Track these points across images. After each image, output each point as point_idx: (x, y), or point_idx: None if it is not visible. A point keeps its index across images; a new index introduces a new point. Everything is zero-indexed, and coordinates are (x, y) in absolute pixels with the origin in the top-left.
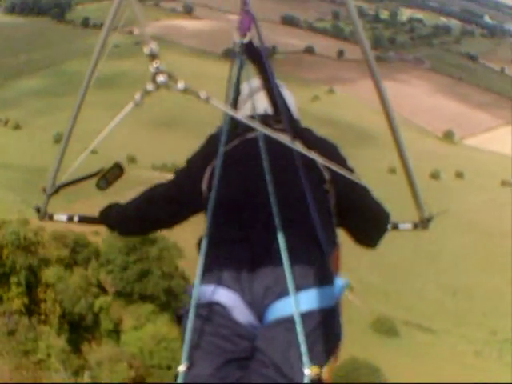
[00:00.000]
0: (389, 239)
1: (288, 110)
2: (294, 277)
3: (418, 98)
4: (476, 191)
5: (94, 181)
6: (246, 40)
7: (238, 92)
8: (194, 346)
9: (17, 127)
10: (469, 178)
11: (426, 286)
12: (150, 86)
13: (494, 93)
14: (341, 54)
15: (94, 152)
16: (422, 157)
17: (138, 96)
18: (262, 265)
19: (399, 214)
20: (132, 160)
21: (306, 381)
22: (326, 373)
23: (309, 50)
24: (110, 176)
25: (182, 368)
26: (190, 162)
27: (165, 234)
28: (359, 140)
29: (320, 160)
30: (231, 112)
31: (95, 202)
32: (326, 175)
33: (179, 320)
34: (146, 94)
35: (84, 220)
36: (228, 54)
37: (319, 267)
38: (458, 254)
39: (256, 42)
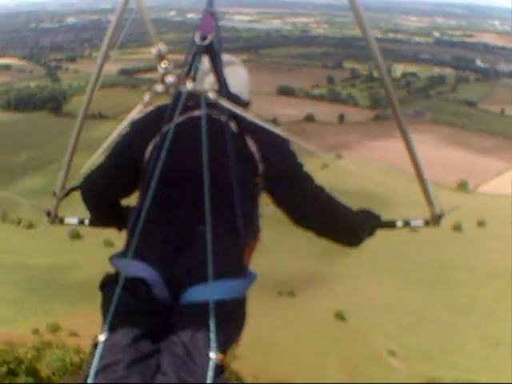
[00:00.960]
0: (421, 297)
1: (228, 90)
2: (215, 264)
3: (425, 151)
4: (500, 238)
5: None
6: (206, 42)
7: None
8: (114, 317)
9: (30, 226)
10: (490, 225)
11: (467, 340)
12: (159, 87)
13: (498, 135)
14: (341, 118)
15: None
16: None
17: (147, 97)
18: (185, 247)
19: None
20: None
21: (210, 363)
22: (227, 358)
23: (309, 118)
24: None
25: (102, 338)
26: (134, 127)
27: None
28: (377, 206)
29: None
30: (240, 112)
31: None
32: (260, 168)
33: (102, 287)
34: (155, 95)
35: (95, 223)
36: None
37: (237, 259)
38: (491, 304)
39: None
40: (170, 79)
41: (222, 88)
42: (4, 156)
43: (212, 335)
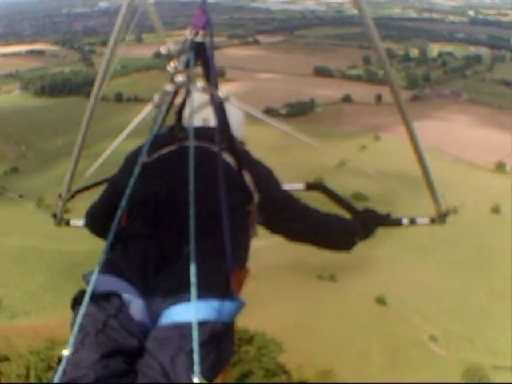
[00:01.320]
0: (461, 281)
1: (227, 124)
2: (198, 285)
3: (461, 132)
4: None
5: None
6: (198, 39)
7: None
8: (84, 333)
9: (66, 211)
10: None
11: (508, 325)
12: (169, 87)
13: None
14: (379, 98)
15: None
16: (480, 192)
17: (157, 98)
18: (168, 266)
19: None
20: None
21: None
22: None
23: (347, 99)
24: None
25: (65, 352)
26: (125, 160)
27: (262, 329)
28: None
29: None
30: (252, 111)
31: None
32: (256, 197)
33: (74, 304)
34: (165, 95)
35: None
36: (267, 113)
37: (222, 281)
38: None
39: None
40: (179, 79)
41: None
42: (39, 142)
43: (196, 357)
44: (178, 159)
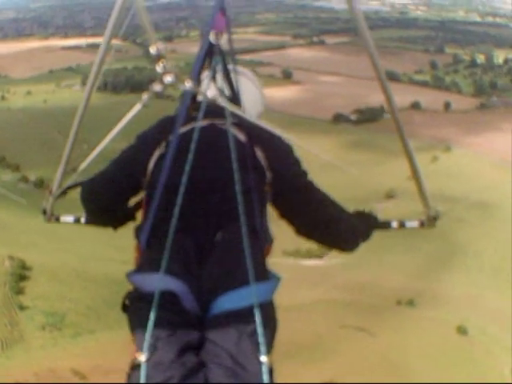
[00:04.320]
0: (494, 286)
1: (238, 99)
2: (240, 271)
3: None
4: None
5: None
6: (220, 41)
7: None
8: (152, 335)
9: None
10: None
11: None
12: (157, 87)
13: None
14: (447, 106)
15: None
16: None
17: (145, 97)
18: (208, 256)
19: None
20: None
21: (263, 368)
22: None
23: (415, 106)
24: None
25: (143, 358)
26: (139, 139)
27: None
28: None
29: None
30: (240, 112)
31: None
32: (268, 176)
33: (125, 308)
34: (153, 95)
35: (91, 221)
36: (337, 120)
37: (261, 261)
38: None
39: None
40: (168, 79)
41: (234, 95)
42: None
43: (260, 339)
44: (189, 141)
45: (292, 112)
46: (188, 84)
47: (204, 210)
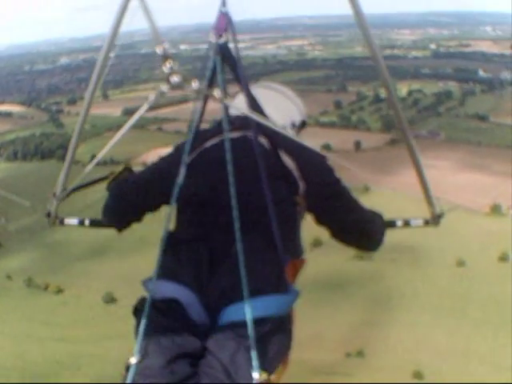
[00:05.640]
0: (488, 340)
1: (261, 110)
2: (250, 282)
3: (446, 175)
4: None
5: (104, 184)
6: (221, 41)
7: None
8: (147, 339)
9: (59, 291)
10: None
11: None
12: (164, 87)
13: None
14: (358, 145)
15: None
16: (483, 238)
17: (151, 97)
18: (220, 267)
19: None
20: None
21: None
22: (274, 379)
23: (326, 148)
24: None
25: (133, 360)
26: (176, 149)
27: None
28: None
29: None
30: (248, 113)
31: None
32: (301, 187)
33: (136, 312)
34: (160, 95)
35: (95, 224)
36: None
37: (275, 275)
38: None
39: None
40: (175, 79)
41: (249, 100)
42: (19, 213)
43: (253, 353)
44: (218, 153)
45: None
46: (195, 84)
47: (225, 221)
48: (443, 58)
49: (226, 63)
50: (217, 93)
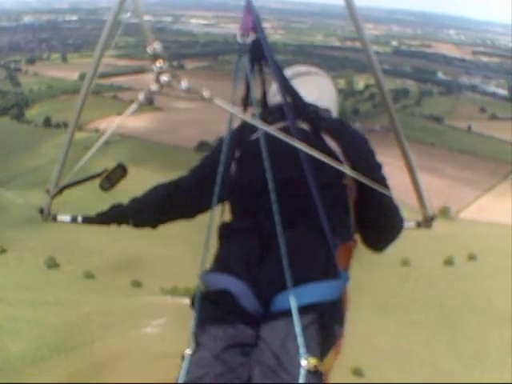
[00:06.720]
0: (429, 343)
1: (302, 100)
2: (299, 269)
3: (395, 173)
4: (496, 273)
5: (97, 181)
6: (248, 40)
7: (248, 90)
8: (201, 331)
9: (2, 251)
10: (481, 259)
11: None
12: (153, 86)
13: (467, 154)
14: None
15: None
16: (430, 241)
17: (141, 96)
18: (270, 255)
19: None
20: None
21: (301, 371)
22: (325, 365)
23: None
24: (113, 177)
25: (187, 352)
26: (218, 146)
27: None
28: None
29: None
30: (235, 111)
31: None
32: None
33: (192, 305)
34: (150, 94)
35: (88, 220)
36: (201, 148)
37: (324, 261)
38: (504, 352)
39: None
40: (164, 78)
41: (285, 94)
42: None
43: (299, 340)
44: (270, 144)
45: (154, 139)
46: (184, 83)
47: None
48: (404, 55)
49: (256, 62)
50: (206, 92)
